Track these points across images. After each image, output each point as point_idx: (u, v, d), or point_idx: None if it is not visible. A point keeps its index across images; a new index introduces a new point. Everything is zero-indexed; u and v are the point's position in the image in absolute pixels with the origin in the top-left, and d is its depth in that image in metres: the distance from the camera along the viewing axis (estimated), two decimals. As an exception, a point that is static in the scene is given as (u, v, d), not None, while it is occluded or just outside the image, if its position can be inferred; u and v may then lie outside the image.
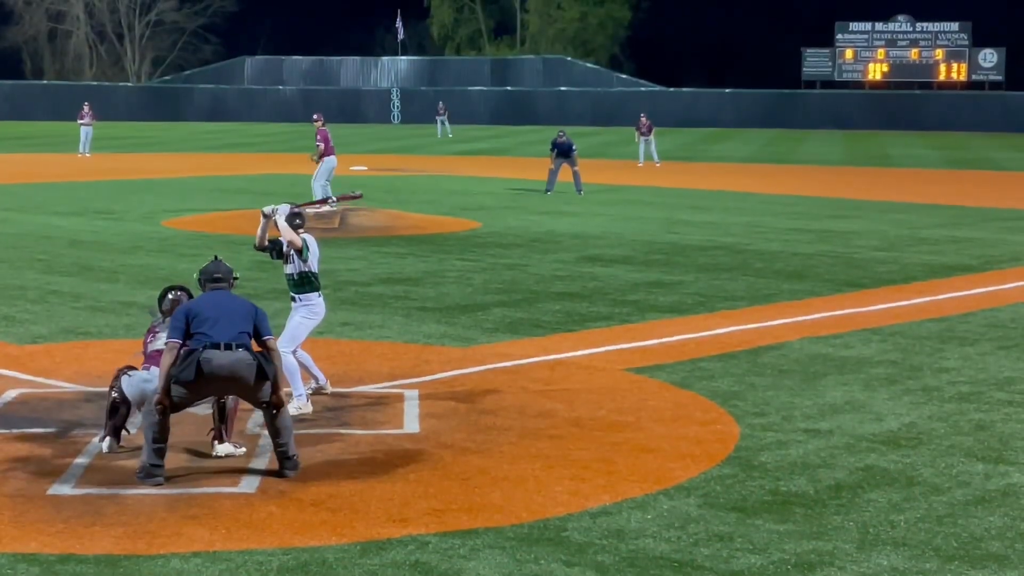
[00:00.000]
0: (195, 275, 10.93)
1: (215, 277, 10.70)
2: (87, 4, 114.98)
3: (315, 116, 32.25)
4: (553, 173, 37.17)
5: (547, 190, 36.78)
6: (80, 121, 54.36)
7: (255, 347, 10.32)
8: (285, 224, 12.40)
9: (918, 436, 11.61)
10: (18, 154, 54.80)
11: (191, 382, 10.05)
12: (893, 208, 33.76)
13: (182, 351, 10.12)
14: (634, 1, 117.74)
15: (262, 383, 10.16)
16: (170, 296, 11.60)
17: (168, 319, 11.04)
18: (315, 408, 12.29)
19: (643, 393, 13.12)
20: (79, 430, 11.44)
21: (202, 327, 10.15)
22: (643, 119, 51.45)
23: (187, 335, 10.18)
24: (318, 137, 30.63)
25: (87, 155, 52.83)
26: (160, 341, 11.02)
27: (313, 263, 12.68)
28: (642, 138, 50.94)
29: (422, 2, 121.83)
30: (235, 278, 10.79)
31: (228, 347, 10.11)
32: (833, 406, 12.66)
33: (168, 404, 10.06)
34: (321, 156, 30.48)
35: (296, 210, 12.73)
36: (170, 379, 10.06)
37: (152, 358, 11.07)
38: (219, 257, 10.92)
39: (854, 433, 11.67)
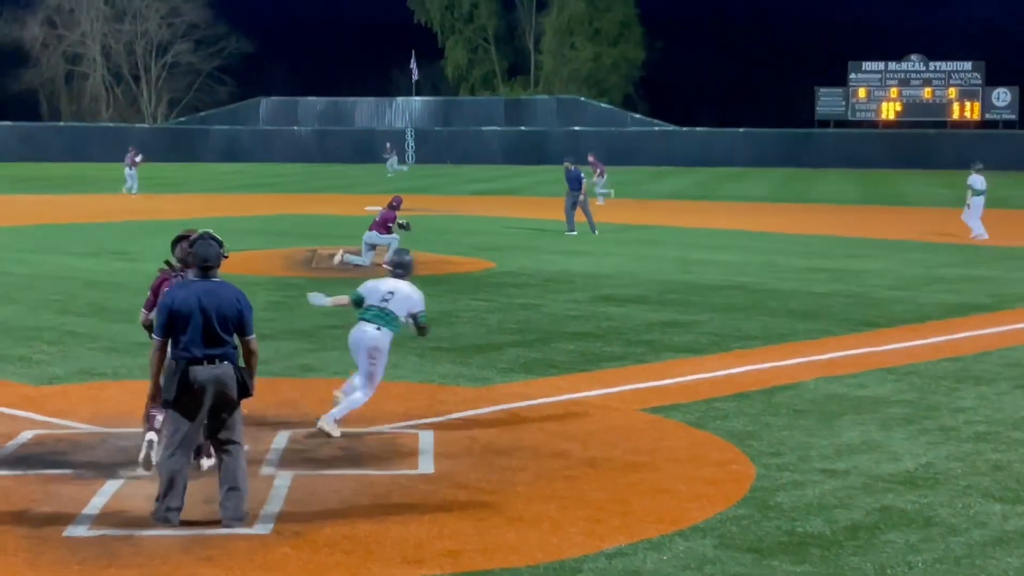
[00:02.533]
0: (176, 256, 10.77)
1: (204, 264, 10.13)
2: (104, 46, 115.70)
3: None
4: (569, 211, 36.69)
5: (568, 230, 36.37)
6: (127, 164, 56.75)
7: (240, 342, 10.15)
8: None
9: (935, 476, 11.56)
10: (34, 195, 55.04)
11: (175, 400, 9.95)
12: (908, 247, 33.72)
13: (168, 365, 10.00)
14: (648, 41, 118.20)
15: (239, 402, 10.08)
16: (183, 244, 11.23)
17: (180, 272, 11.09)
18: (329, 450, 12.28)
19: (658, 433, 13.09)
20: (95, 471, 11.43)
21: (185, 335, 9.92)
22: (591, 158, 51.16)
23: (170, 330, 9.98)
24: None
25: (134, 194, 54.65)
26: None
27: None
28: (598, 179, 50.43)
29: (436, 43, 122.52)
30: (225, 256, 10.23)
31: (211, 361, 9.95)
32: (849, 446, 12.61)
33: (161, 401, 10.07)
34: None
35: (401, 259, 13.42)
36: (157, 379, 10.04)
37: None
38: (210, 233, 10.26)
39: (871, 473, 11.62)
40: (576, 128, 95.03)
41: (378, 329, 12.95)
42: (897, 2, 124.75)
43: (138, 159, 57.20)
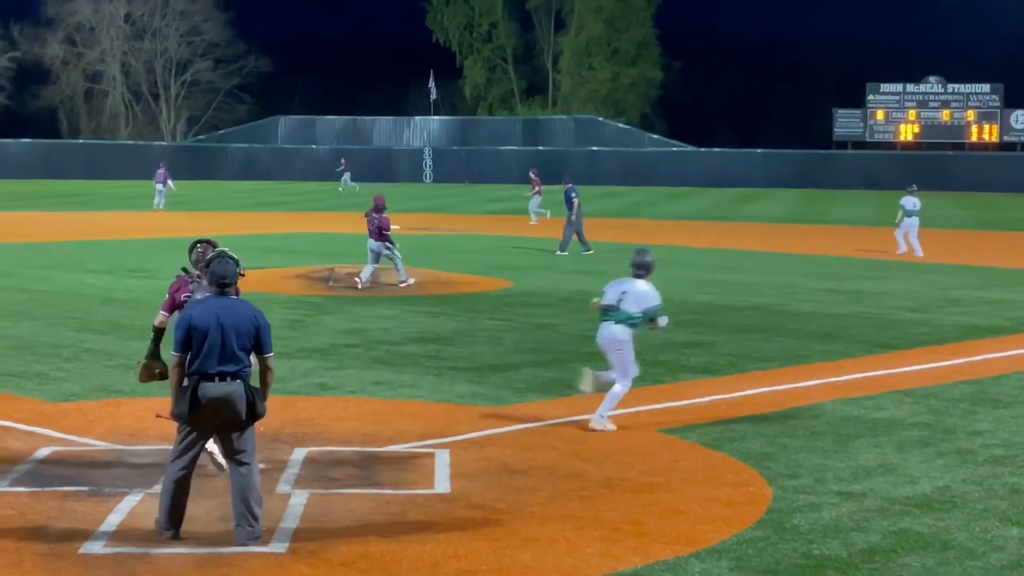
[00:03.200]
0: (192, 260, 10.76)
1: (222, 282, 10.19)
2: (124, 64, 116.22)
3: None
4: (567, 230, 36.65)
5: (583, 251, 36.34)
6: (157, 181, 57.72)
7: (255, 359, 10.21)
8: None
9: (952, 499, 11.52)
10: (53, 212, 55.26)
11: (187, 415, 10.01)
12: (925, 269, 33.65)
13: (186, 384, 10.05)
14: (666, 62, 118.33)
15: (250, 421, 10.11)
16: (198, 248, 11.74)
17: (197, 276, 11.48)
18: (345, 469, 12.28)
19: (674, 454, 13.07)
20: (111, 488, 11.46)
21: (199, 353, 9.98)
22: (532, 174, 51.09)
23: (187, 345, 10.03)
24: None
25: (160, 211, 55.34)
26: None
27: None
28: (535, 197, 50.30)
29: (455, 63, 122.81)
30: (241, 274, 10.33)
31: (223, 378, 9.97)
32: (866, 468, 12.57)
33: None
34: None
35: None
36: (178, 394, 10.08)
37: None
38: (226, 252, 10.36)
39: (887, 496, 11.59)
40: (594, 148, 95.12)
41: (615, 324, 14.19)
42: (916, 24, 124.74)
43: (168, 181, 58.12)
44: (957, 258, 37.05)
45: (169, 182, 58.09)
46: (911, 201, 38.03)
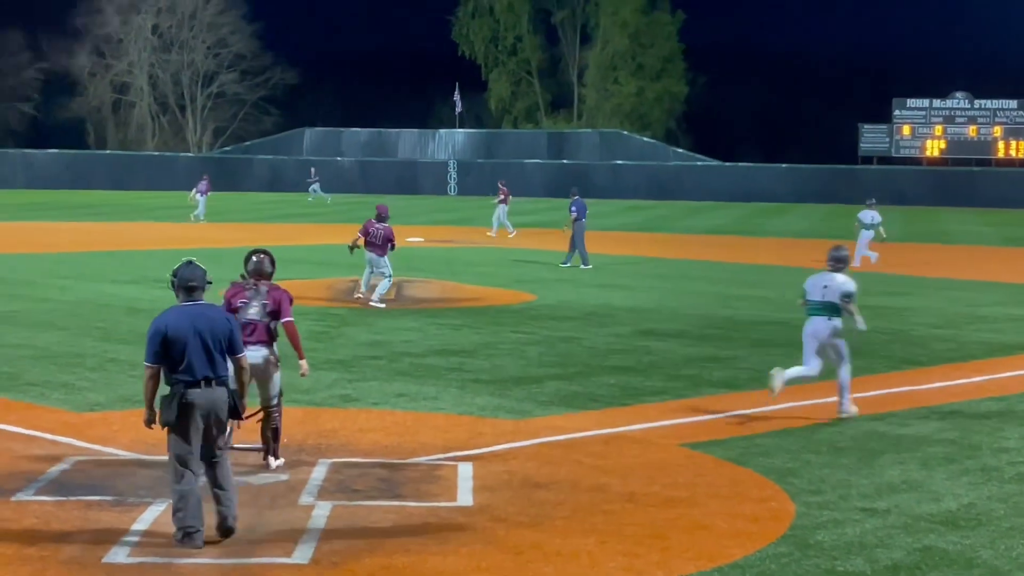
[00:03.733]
0: (168, 276, 10.79)
1: (190, 284, 10.46)
2: (151, 76, 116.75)
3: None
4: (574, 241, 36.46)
5: (584, 264, 36.04)
6: (198, 192, 58.61)
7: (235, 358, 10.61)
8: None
9: (977, 517, 11.46)
10: (78, 222, 55.50)
11: (175, 422, 10.23)
12: (951, 285, 33.51)
13: (168, 393, 10.26)
14: (691, 76, 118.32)
15: (229, 421, 10.56)
16: (254, 259, 12.83)
17: (253, 283, 12.60)
18: (368, 481, 12.28)
19: (698, 468, 13.03)
20: (135, 498, 11.49)
21: (182, 361, 10.19)
22: (501, 186, 51.22)
23: (162, 357, 10.24)
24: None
25: (201, 222, 55.96)
26: (252, 310, 12.54)
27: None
28: (500, 206, 50.34)
29: (480, 76, 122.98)
30: (209, 282, 10.62)
31: (208, 384, 10.24)
32: (890, 485, 12.52)
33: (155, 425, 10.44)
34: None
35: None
36: (152, 404, 10.39)
37: (242, 329, 11.42)
38: (193, 261, 10.73)
39: (912, 513, 11.53)
40: (618, 162, 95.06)
41: (828, 320, 15.48)
42: (943, 40, 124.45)
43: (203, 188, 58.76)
44: (983, 275, 36.89)
45: (200, 194, 58.28)
46: (869, 215, 38.96)
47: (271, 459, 12.67)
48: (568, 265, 35.97)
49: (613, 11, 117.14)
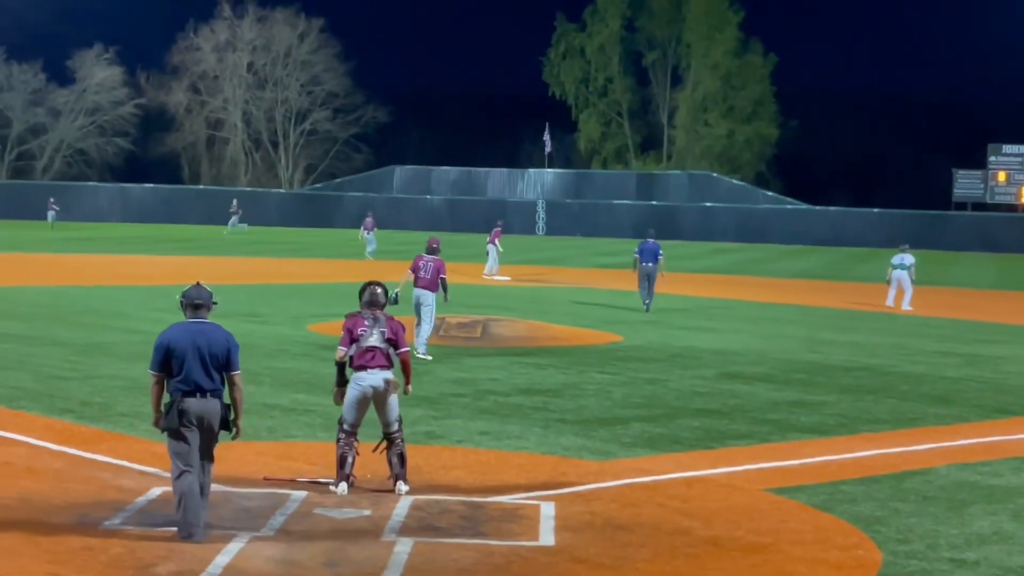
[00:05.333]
0: (177, 297, 11.65)
1: (195, 303, 11.51)
2: (245, 113, 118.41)
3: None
4: (643, 286, 34.58)
5: (646, 308, 34.24)
6: (364, 230, 60.39)
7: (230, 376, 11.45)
8: None
9: (1069, 571, 11.22)
10: (172, 256, 56.28)
11: (176, 429, 11.20)
12: (1045, 334, 32.95)
13: (169, 401, 11.25)
14: (782, 119, 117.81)
15: (219, 432, 11.41)
16: (370, 291, 13.33)
17: (371, 313, 13.11)
18: (450, 518, 12.28)
19: (782, 514, 12.90)
20: (219, 530, 11.57)
21: (180, 372, 11.17)
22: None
23: (164, 367, 11.24)
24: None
25: (371, 259, 56.89)
26: (373, 338, 12.99)
27: None
28: (490, 246, 49.40)
29: (570, 116, 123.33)
30: (215, 303, 11.62)
31: (203, 395, 11.19)
32: (980, 536, 12.30)
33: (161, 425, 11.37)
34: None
35: None
36: (158, 407, 11.38)
37: (363, 355, 12.95)
38: (200, 283, 11.69)
39: (1002, 565, 11.32)
40: (708, 204, 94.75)
41: None
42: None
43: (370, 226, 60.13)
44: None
45: (367, 231, 59.63)
46: (899, 257, 39.77)
47: (400, 484, 13.02)
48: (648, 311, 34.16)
49: (704, 53, 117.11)
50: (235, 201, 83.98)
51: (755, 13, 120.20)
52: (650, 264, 34.46)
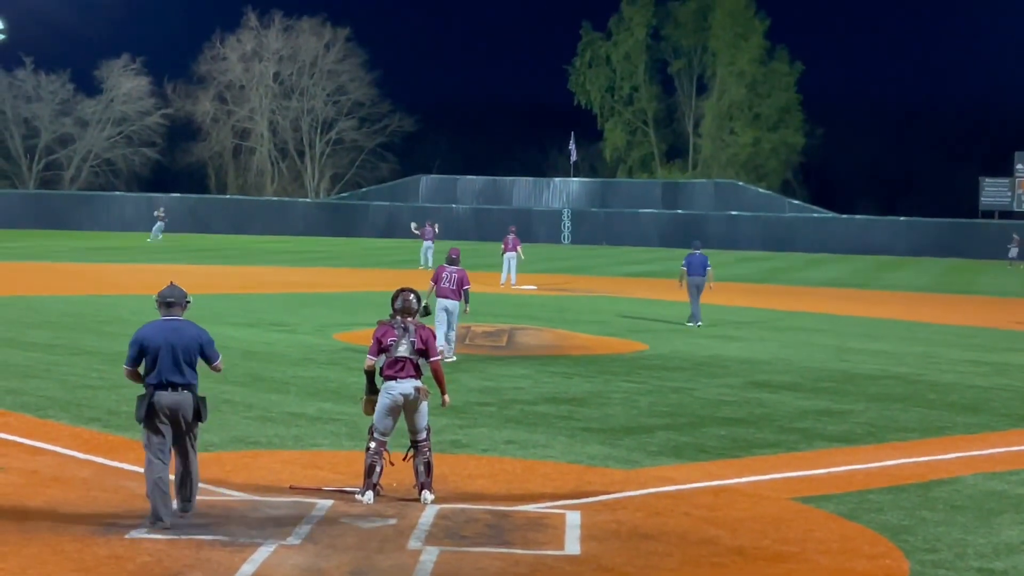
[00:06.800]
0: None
1: (168, 301, 12.12)
2: (271, 122, 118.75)
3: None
4: (693, 299, 33.97)
5: (695, 321, 33.59)
6: (424, 238, 59.63)
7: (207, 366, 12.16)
8: None
9: (1099, 580, 11.14)
10: (199, 265, 56.46)
11: (146, 419, 11.81)
12: (1074, 342, 32.77)
13: (141, 394, 11.90)
14: (808, 128, 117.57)
15: (196, 422, 12.03)
16: (402, 297, 13.33)
17: (401, 322, 13.12)
18: (476, 527, 12.28)
19: (809, 523, 12.85)
20: (245, 538, 11.59)
21: (153, 367, 11.81)
22: (512, 233, 49.89)
23: (138, 361, 11.90)
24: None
25: (428, 268, 55.62)
26: (402, 348, 13.06)
27: None
28: (506, 254, 48.94)
29: (596, 125, 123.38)
30: (188, 301, 12.19)
31: (175, 388, 11.83)
32: (1009, 545, 12.23)
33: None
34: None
35: None
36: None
37: (393, 366, 13.07)
38: (174, 282, 12.39)
39: (1030, 574, 11.25)
40: (733, 212, 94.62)
41: None
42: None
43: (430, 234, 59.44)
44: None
45: (427, 239, 58.71)
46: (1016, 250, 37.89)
47: (425, 493, 13.05)
48: (691, 325, 33.40)
49: (730, 61, 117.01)
50: (162, 208, 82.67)
51: (781, 21, 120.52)
52: (699, 277, 34.13)
